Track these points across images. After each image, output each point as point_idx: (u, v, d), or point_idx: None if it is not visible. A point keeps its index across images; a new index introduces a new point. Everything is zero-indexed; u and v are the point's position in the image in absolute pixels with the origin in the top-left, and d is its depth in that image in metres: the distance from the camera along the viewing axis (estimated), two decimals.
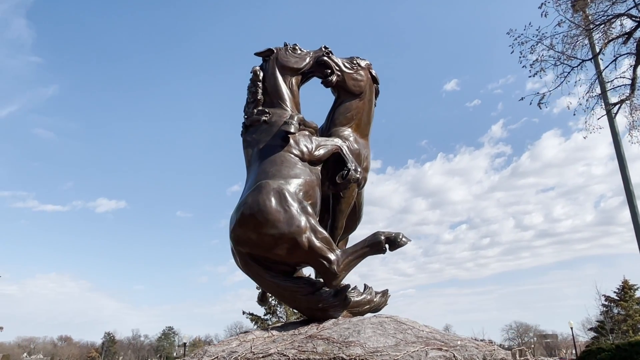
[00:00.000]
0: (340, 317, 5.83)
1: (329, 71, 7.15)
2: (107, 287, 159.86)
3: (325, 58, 7.18)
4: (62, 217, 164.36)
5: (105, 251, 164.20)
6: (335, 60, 7.26)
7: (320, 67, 7.21)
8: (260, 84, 7.00)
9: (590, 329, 46.69)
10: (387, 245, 5.90)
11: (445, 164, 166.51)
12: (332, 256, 5.61)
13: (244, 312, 33.70)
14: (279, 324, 6.38)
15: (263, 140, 6.54)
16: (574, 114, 12.21)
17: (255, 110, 6.78)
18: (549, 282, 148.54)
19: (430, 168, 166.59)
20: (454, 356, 4.63)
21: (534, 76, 12.15)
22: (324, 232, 5.79)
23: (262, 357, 4.55)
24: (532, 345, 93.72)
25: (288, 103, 6.89)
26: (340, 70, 7.24)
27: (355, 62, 7.43)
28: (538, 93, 12.27)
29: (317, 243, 5.57)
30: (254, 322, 32.77)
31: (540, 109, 12.22)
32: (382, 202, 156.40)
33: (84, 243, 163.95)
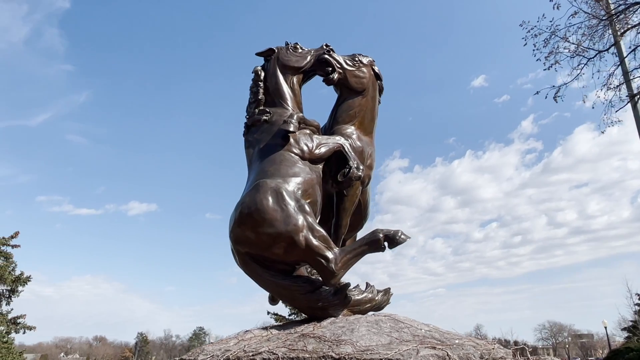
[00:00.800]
0: (340, 316, 5.79)
1: (330, 69, 7.10)
2: (139, 288, 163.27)
3: (326, 56, 7.12)
4: (95, 221, 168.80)
5: (138, 253, 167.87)
6: (337, 58, 7.20)
7: (321, 65, 7.16)
8: (261, 84, 7.02)
9: (624, 329, 45.08)
10: (386, 243, 5.82)
11: (474, 162, 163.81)
12: (329, 254, 5.54)
13: (268, 312, 33.79)
14: (280, 323, 6.37)
15: (263, 139, 6.54)
16: (593, 107, 11.80)
17: (257, 110, 6.79)
18: (584, 280, 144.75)
19: (459, 166, 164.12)
20: (448, 354, 4.51)
21: (548, 69, 11.78)
22: (322, 230, 5.74)
23: (253, 355, 4.53)
24: (567, 346, 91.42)
25: (289, 102, 6.87)
26: (342, 67, 7.17)
27: (357, 59, 7.35)
28: (554, 86, 11.91)
29: (314, 241, 5.52)
30: (278, 322, 32.84)
31: (556, 102, 11.85)
32: (410, 200, 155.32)
33: (117, 245, 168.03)
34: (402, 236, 5.82)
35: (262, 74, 7.11)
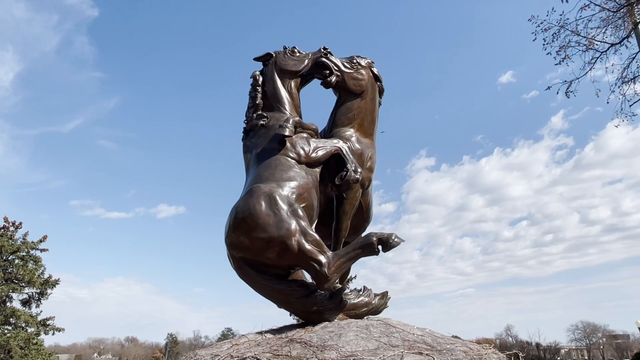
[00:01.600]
0: (336, 320, 5.77)
1: (328, 72, 7.08)
2: (169, 289, 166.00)
3: (324, 59, 7.11)
4: (126, 224, 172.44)
5: (167, 255, 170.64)
6: (334, 61, 7.18)
7: (319, 69, 7.15)
8: (259, 89, 7.06)
9: None
10: (379, 247, 5.76)
11: (502, 159, 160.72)
12: (322, 258, 5.52)
13: (290, 314, 33.93)
14: (277, 327, 6.38)
15: (261, 144, 6.57)
16: (607, 102, 11.42)
17: (255, 115, 6.84)
18: (619, 279, 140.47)
19: (487, 164, 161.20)
20: None
21: (559, 64, 11.45)
22: (315, 234, 5.72)
23: None
24: (601, 347, 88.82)
25: (287, 106, 6.89)
26: (340, 70, 7.14)
27: (355, 61, 7.31)
28: (565, 81, 11.57)
29: (307, 246, 5.50)
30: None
31: (568, 97, 11.51)
32: (437, 200, 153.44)
33: (147, 248, 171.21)
34: (396, 239, 5.75)
35: (261, 79, 7.16)
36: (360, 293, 6.42)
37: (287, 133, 6.30)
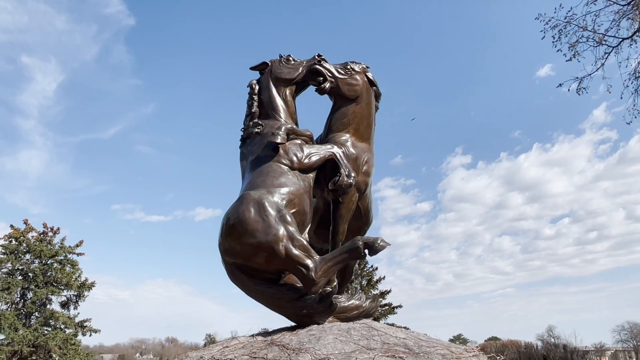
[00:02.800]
0: (326, 323, 5.87)
1: (322, 79, 7.20)
2: (207, 291, 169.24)
3: (317, 66, 7.23)
4: (165, 227, 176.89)
5: (205, 257, 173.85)
6: (328, 67, 7.29)
7: (313, 76, 7.28)
8: (255, 97, 7.25)
9: None
10: (366, 251, 5.84)
11: (542, 155, 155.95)
12: (309, 263, 5.64)
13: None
14: (270, 330, 6.52)
15: (255, 151, 6.76)
16: (621, 97, 11.04)
17: (251, 123, 7.02)
18: None
19: (526, 160, 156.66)
20: None
21: (570, 60, 11.15)
22: (302, 239, 5.84)
23: None
24: None
25: (282, 114, 7.05)
26: (334, 76, 7.25)
27: (349, 67, 7.42)
28: (577, 77, 11.24)
29: (294, 251, 5.63)
30: None
31: (580, 94, 11.19)
32: (474, 198, 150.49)
33: (185, 250, 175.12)
34: (382, 243, 5.82)
35: (257, 88, 7.33)
36: (352, 296, 6.49)
37: (278, 140, 6.46)
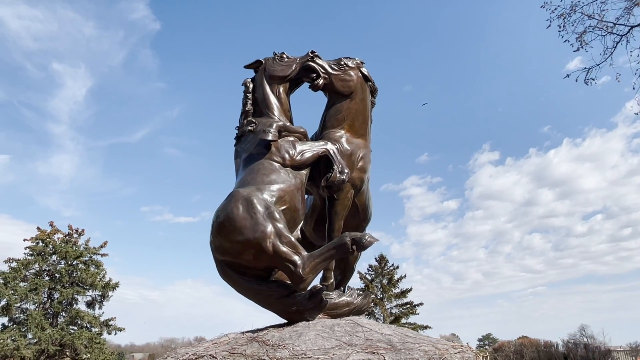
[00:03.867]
0: (316, 319, 5.85)
1: (315, 75, 7.19)
2: (235, 291, 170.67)
3: (310, 63, 7.22)
4: (193, 228, 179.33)
5: None
6: (321, 64, 7.27)
7: (306, 73, 7.27)
8: (249, 95, 7.28)
9: None
10: (354, 247, 5.80)
11: (572, 150, 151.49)
12: (297, 259, 5.63)
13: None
14: (262, 327, 6.53)
15: (248, 149, 6.79)
16: (633, 88, 10.63)
17: (245, 121, 7.06)
18: None
19: (556, 155, 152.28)
20: (384, 359, 4.44)
21: (577, 50, 10.80)
22: (290, 236, 5.83)
23: (196, 358, 4.76)
24: None
25: (275, 111, 7.06)
26: (327, 72, 7.23)
27: (342, 62, 7.39)
28: (585, 68, 10.87)
29: (281, 247, 5.63)
30: None
31: (588, 85, 10.82)
32: (502, 195, 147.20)
33: None
34: (369, 239, 5.76)
35: (251, 86, 7.37)
36: (343, 293, 6.46)
37: (269, 137, 6.47)
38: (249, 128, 6.86)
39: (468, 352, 5.16)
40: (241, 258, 5.80)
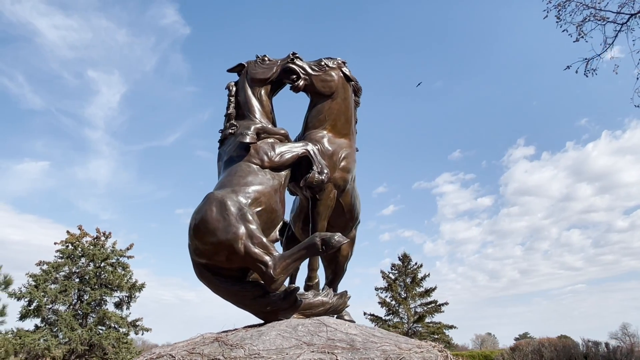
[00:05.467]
0: (291, 319, 5.89)
1: (295, 77, 7.24)
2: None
3: (290, 64, 7.28)
4: None
5: None
6: (301, 65, 7.31)
7: (287, 74, 7.33)
8: (232, 99, 7.40)
9: None
10: (324, 247, 5.83)
11: (612, 143, 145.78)
12: (268, 260, 5.69)
13: (364, 313, 33.99)
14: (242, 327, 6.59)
15: (229, 152, 6.90)
16: (637, 78, 10.18)
17: (227, 124, 7.17)
18: None
19: (594, 149, 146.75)
20: (337, 359, 4.44)
21: (577, 41, 10.41)
22: (261, 237, 5.90)
23: (156, 358, 4.87)
24: None
25: (257, 114, 7.16)
26: (307, 73, 7.27)
27: (323, 63, 7.42)
28: (585, 59, 10.47)
29: (253, 249, 5.70)
30: (374, 323, 32.83)
31: (587, 77, 10.43)
32: (539, 191, 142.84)
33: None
34: (338, 239, 5.78)
35: (234, 89, 7.47)
36: (318, 292, 6.47)
37: (247, 140, 6.57)
38: (230, 131, 6.96)
39: (432, 352, 5.10)
40: (215, 259, 5.89)
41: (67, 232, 28.93)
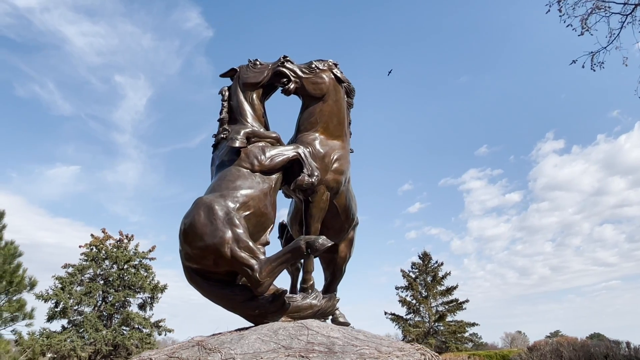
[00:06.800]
0: (274, 323, 5.91)
1: (286, 80, 7.26)
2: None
3: (280, 68, 7.30)
4: None
5: None
6: (292, 68, 7.32)
7: (278, 78, 7.35)
8: (225, 104, 7.46)
9: None
10: (308, 250, 5.84)
11: None
12: (254, 264, 5.73)
13: (385, 313, 33.78)
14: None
15: (220, 157, 6.98)
16: None
17: (220, 129, 7.25)
18: None
19: (627, 141, 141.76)
20: None
21: (582, 35, 10.06)
22: (248, 241, 5.93)
23: None
24: None
25: (249, 118, 7.20)
26: (298, 76, 7.27)
27: (314, 65, 7.41)
28: (591, 52, 10.11)
29: (239, 252, 5.75)
30: (394, 322, 32.67)
31: (594, 71, 10.07)
32: (569, 185, 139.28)
33: (272, 252, 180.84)
34: (322, 242, 5.78)
35: (227, 94, 7.54)
36: (307, 295, 6.47)
37: (236, 144, 6.61)
38: (222, 135, 7.02)
39: (413, 355, 5.05)
40: (203, 263, 5.95)
41: (91, 235, 29.70)
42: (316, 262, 8.42)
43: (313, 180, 6.64)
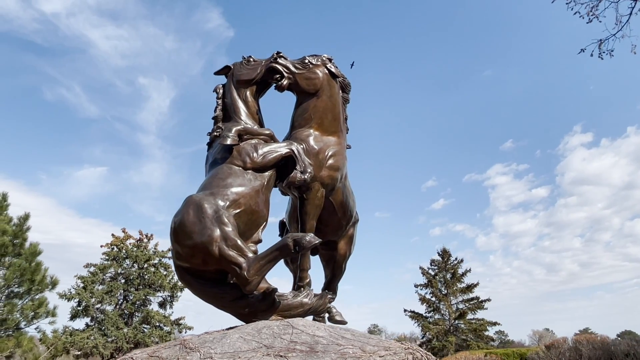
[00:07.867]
0: (259, 321, 5.86)
1: (279, 76, 7.19)
2: (318, 288, 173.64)
3: (273, 64, 7.23)
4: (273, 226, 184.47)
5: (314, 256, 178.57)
6: (285, 64, 7.23)
7: (271, 74, 7.28)
8: (219, 101, 7.43)
9: None
10: (296, 247, 5.76)
11: None
12: (242, 262, 5.69)
13: (405, 310, 33.43)
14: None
15: (214, 155, 6.95)
16: None
17: (214, 127, 7.23)
18: None
19: None
20: None
21: (590, 22, 9.67)
22: (236, 239, 5.88)
23: None
24: None
25: (242, 115, 7.16)
26: (291, 72, 7.18)
27: (307, 61, 7.30)
28: (600, 40, 9.70)
29: (227, 251, 5.71)
30: (414, 320, 32.32)
31: (602, 59, 9.66)
32: (598, 179, 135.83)
33: None
34: (309, 239, 5.68)
35: (221, 92, 7.51)
36: (298, 293, 6.39)
37: (228, 142, 6.56)
38: (216, 133, 6.98)
39: (398, 354, 4.92)
40: (192, 262, 5.92)
41: (112, 234, 30.23)
42: (316, 260, 8.36)
43: (306, 177, 6.54)
